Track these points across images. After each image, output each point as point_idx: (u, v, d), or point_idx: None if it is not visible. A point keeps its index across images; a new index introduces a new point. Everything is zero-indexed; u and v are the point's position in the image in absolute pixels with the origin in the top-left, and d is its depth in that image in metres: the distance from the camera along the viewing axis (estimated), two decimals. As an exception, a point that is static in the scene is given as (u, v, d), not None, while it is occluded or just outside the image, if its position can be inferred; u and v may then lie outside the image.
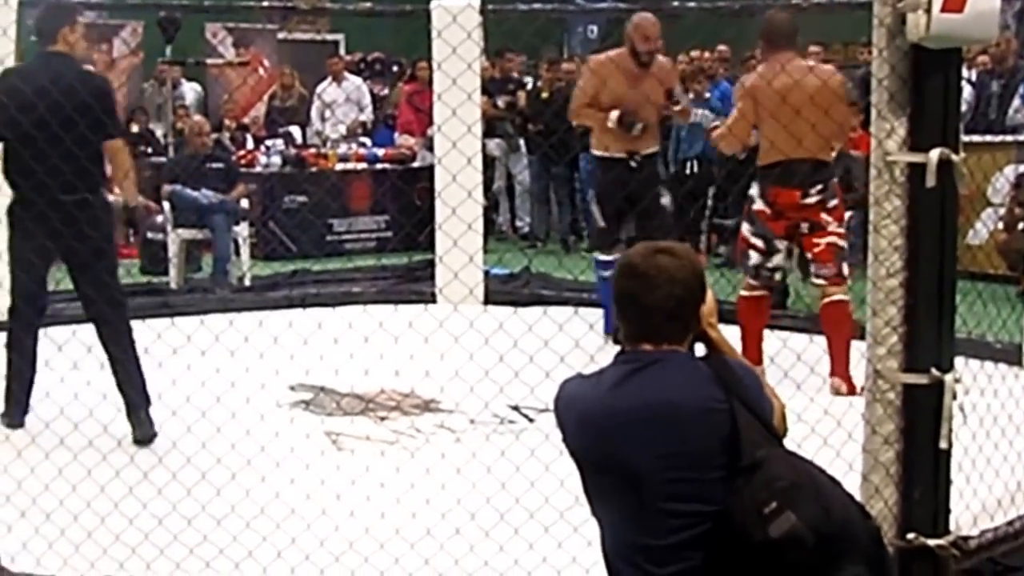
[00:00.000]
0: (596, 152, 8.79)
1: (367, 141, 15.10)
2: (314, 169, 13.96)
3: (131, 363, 6.55)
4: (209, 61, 16.77)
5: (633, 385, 3.27)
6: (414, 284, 10.94)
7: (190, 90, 15.64)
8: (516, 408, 6.95)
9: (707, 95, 13.05)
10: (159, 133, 14.14)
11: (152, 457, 5.74)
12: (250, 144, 14.74)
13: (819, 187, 7.36)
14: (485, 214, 10.90)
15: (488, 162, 13.54)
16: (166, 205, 11.36)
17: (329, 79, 15.52)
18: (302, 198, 13.52)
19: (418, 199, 13.14)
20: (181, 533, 5.00)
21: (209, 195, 11.37)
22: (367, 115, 15.63)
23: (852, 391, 7.05)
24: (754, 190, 7.56)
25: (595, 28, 18.93)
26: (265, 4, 12.76)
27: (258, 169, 13.79)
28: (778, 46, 7.39)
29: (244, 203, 11.89)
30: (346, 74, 15.78)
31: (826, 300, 7.47)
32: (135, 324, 6.81)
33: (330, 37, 18.96)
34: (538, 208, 14.37)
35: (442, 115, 9.20)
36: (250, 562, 4.82)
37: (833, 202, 7.44)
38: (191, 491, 5.38)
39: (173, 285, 11.13)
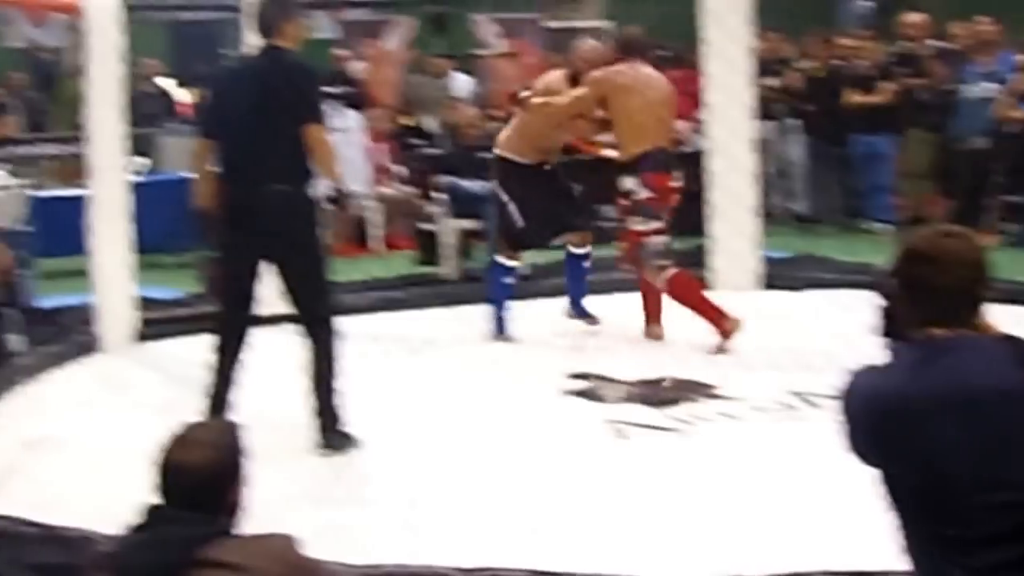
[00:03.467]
0: (511, 156, 8.77)
1: (637, 126, 15.04)
2: (583, 156, 13.95)
3: (327, 370, 6.25)
4: (478, 53, 16.97)
5: (931, 372, 3.19)
6: (687, 269, 10.85)
7: (462, 82, 15.83)
8: (799, 394, 6.88)
9: (995, 67, 12.66)
10: (430, 126, 14.34)
11: (437, 444, 5.84)
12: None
13: (679, 173, 8.29)
14: (759, 197, 10.77)
15: (760, 145, 13.39)
16: (441, 196, 11.54)
17: (597, 65, 15.48)
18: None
19: (690, 184, 13.03)
20: (471, 522, 5.10)
21: (481, 185, 11.48)
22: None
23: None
24: (630, 184, 8.12)
25: (870, 3, 18.55)
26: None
27: (528, 159, 13.86)
28: (630, 56, 8.27)
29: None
30: (614, 60, 15.72)
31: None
32: (414, 314, 6.96)
33: (597, 24, 18.96)
34: (814, 190, 14.15)
35: (714, 94, 9.15)
36: (538, 550, 4.88)
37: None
38: (481, 480, 5.50)
39: (449, 275, 11.27)
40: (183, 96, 15.72)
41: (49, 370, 8.05)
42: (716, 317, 7.78)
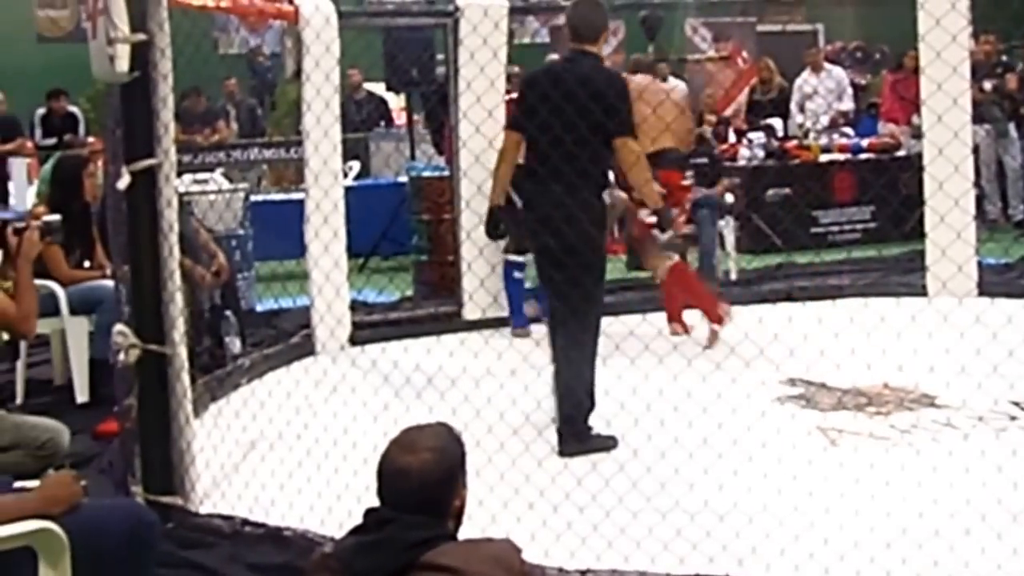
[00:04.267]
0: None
1: (849, 131, 14.88)
2: (797, 161, 13.83)
3: (571, 372, 6.40)
4: (689, 57, 16.91)
5: None
6: (903, 276, 10.67)
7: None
8: (1021, 404, 6.67)
9: None
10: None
11: (654, 451, 5.78)
12: (732, 138, 14.74)
13: (690, 172, 9.09)
14: (976, 202, 10.53)
15: (975, 149, 13.10)
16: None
17: (808, 70, 15.36)
18: (786, 190, 13.42)
19: (905, 188, 12.82)
20: (684, 528, 5.04)
21: (696, 190, 11.39)
22: (847, 105, 15.38)
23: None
24: None
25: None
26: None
27: (741, 162, 13.77)
28: (640, 72, 9.36)
29: (728, 197, 11.89)
30: (826, 64, 15.57)
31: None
32: (623, 319, 6.97)
33: (808, 27, 18.77)
34: (1032, 195, 13.80)
35: (932, 98, 8.96)
36: (752, 558, 4.81)
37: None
38: (693, 486, 5.44)
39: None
40: (395, 102, 15.94)
41: (266, 372, 8.20)
42: (713, 308, 8.58)
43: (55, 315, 7.57)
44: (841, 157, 14.03)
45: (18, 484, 4.32)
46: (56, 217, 6.77)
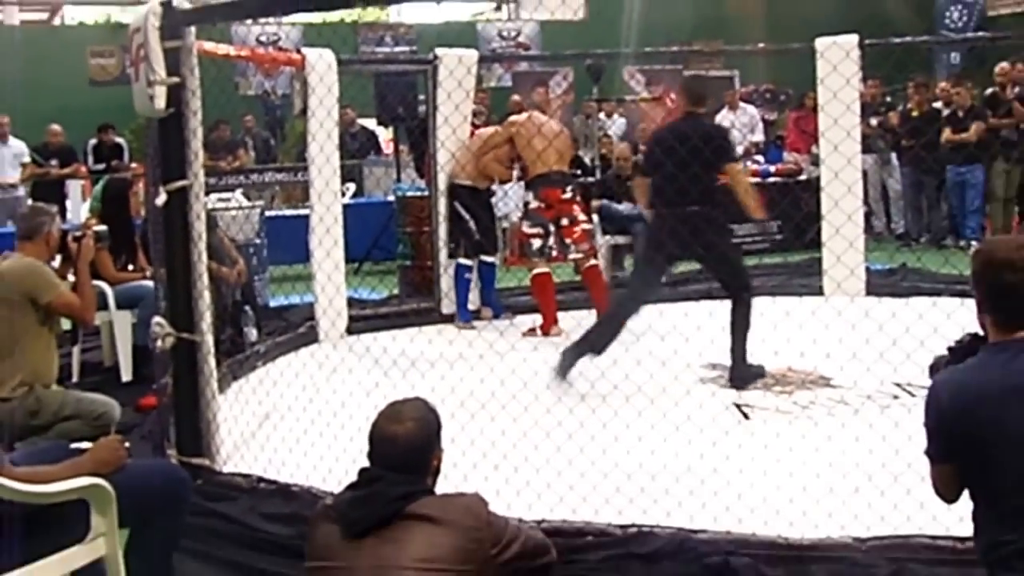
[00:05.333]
0: (468, 182, 9.35)
1: (760, 158, 14.94)
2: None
3: (739, 332, 6.95)
4: (627, 97, 16.94)
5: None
6: (804, 279, 10.70)
7: (618, 122, 15.94)
8: (901, 385, 6.71)
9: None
10: (587, 158, 14.32)
11: (597, 423, 5.82)
12: (663, 165, 14.76)
13: (571, 188, 9.02)
14: (865, 218, 10.58)
15: (864, 174, 13.15)
16: (595, 217, 11.49)
17: (726, 108, 15.42)
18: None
19: (805, 206, 12.87)
20: (622, 486, 5.06)
21: (630, 207, 11.42)
22: (759, 137, 15.47)
23: None
24: (528, 196, 9.02)
25: (957, 56, 18.16)
26: (675, 49, 12.74)
27: (672, 186, 13.77)
28: (531, 108, 9.35)
29: (659, 214, 11.89)
30: (741, 103, 15.65)
31: (586, 266, 8.97)
32: (576, 314, 7.03)
33: (727, 73, 18.82)
34: (911, 212, 13.88)
35: (828, 132, 9.03)
36: (678, 511, 4.81)
37: (577, 198, 9.15)
38: (630, 451, 5.46)
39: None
40: (384, 134, 15.91)
41: (277, 356, 8.18)
42: (550, 319, 8.79)
43: (104, 309, 7.55)
44: (753, 180, 14.04)
45: (74, 446, 4.36)
46: (104, 228, 6.79)
